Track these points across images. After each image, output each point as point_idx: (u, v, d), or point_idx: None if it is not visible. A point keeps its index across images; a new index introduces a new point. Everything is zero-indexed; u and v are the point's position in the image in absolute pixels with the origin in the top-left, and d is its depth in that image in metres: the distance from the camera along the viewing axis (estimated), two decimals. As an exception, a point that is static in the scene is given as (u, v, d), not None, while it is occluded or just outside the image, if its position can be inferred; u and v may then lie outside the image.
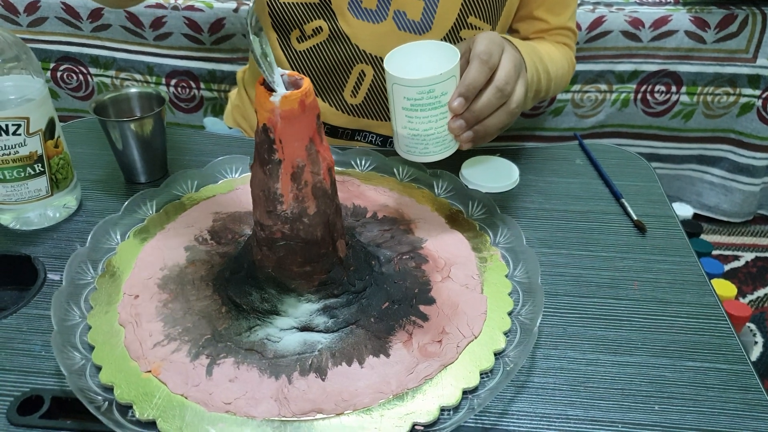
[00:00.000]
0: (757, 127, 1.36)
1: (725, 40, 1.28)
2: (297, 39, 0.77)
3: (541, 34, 0.83)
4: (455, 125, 0.54)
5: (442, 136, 0.55)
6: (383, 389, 0.45)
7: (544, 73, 0.72)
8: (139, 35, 1.32)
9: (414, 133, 0.55)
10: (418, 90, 0.52)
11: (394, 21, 0.74)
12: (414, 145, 0.56)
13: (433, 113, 0.54)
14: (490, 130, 0.56)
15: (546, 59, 0.73)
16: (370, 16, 0.74)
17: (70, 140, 0.68)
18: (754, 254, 1.43)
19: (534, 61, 0.69)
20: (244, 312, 0.50)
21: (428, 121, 0.54)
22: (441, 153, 0.57)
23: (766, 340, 1.21)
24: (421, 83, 0.52)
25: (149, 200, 0.65)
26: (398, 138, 0.58)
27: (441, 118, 0.54)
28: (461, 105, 0.53)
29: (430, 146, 0.56)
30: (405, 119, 0.55)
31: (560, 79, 0.79)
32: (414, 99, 0.53)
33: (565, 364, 0.50)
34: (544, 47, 0.76)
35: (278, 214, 0.47)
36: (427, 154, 0.57)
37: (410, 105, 0.54)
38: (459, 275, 0.56)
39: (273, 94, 0.43)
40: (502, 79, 0.54)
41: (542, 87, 0.73)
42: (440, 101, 0.53)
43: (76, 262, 0.55)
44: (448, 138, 0.56)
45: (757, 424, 0.45)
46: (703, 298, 0.57)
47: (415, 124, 0.55)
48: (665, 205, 0.69)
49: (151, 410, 0.43)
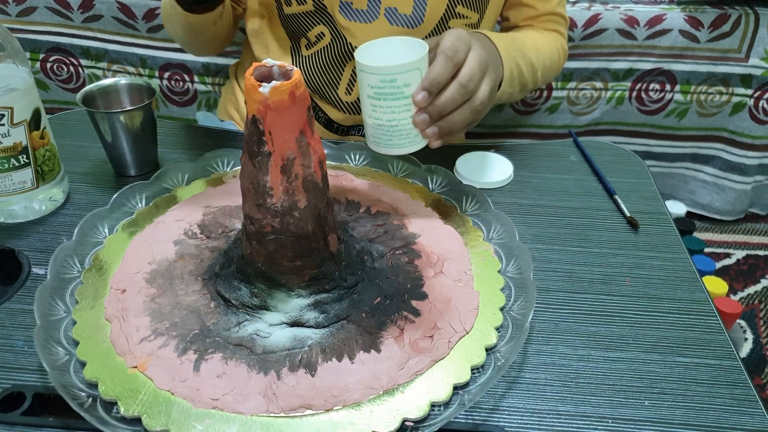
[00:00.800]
0: (749, 126, 1.37)
1: (718, 40, 1.29)
2: (305, 46, 0.79)
3: (531, 21, 0.83)
4: (419, 119, 0.55)
5: (406, 130, 0.56)
6: (373, 385, 0.44)
7: (527, 66, 0.73)
8: (132, 27, 1.31)
9: (378, 123, 0.56)
10: (381, 78, 0.53)
11: (386, 18, 0.75)
12: (379, 136, 0.57)
13: (396, 104, 0.55)
14: (454, 126, 0.57)
15: (530, 51, 0.74)
16: (362, 16, 0.75)
17: (58, 132, 0.68)
18: (745, 252, 1.44)
19: (514, 56, 0.70)
20: (233, 307, 0.50)
21: (391, 111, 0.55)
22: (406, 147, 0.57)
23: (756, 336, 1.21)
24: (383, 71, 0.53)
25: (138, 193, 0.64)
26: (366, 128, 0.59)
27: (405, 110, 0.55)
28: (424, 99, 0.54)
29: (394, 138, 0.57)
30: (370, 108, 0.56)
31: (549, 68, 0.79)
32: (377, 87, 0.54)
33: (556, 359, 0.49)
34: (529, 38, 0.77)
35: (268, 207, 0.47)
36: (392, 146, 0.57)
37: (374, 93, 0.55)
38: (452, 270, 0.55)
39: (262, 84, 0.42)
40: (465, 76, 0.55)
41: (527, 80, 0.74)
42: (403, 92, 0.54)
43: (61, 256, 0.54)
44: (413, 132, 0.57)
45: (746, 419, 0.45)
46: (694, 294, 0.56)
47: (379, 114, 0.56)
48: (658, 202, 0.69)
49: (137, 406, 0.42)
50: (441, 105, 0.55)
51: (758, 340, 1.20)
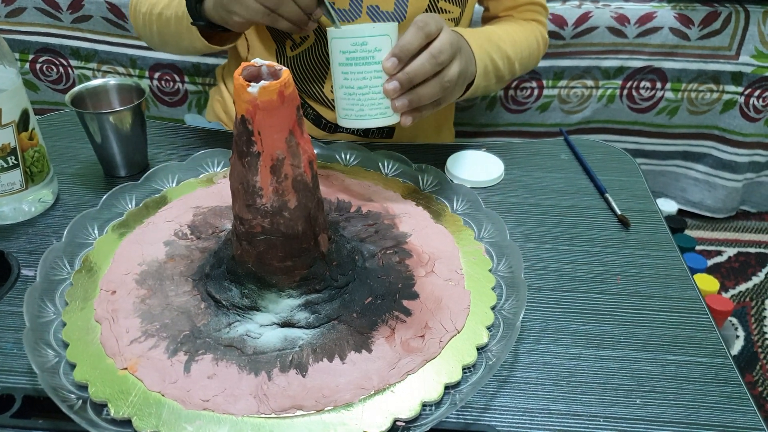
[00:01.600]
0: (740, 123, 1.37)
1: (709, 38, 1.29)
2: (290, 47, 0.80)
3: (510, 11, 0.85)
4: (390, 86, 0.56)
5: (377, 99, 0.57)
6: (365, 385, 0.44)
7: (503, 59, 0.73)
8: (121, 27, 1.30)
9: (350, 92, 0.57)
10: (352, 41, 0.55)
11: (369, 16, 0.76)
12: (350, 107, 0.58)
13: (368, 69, 0.56)
14: (423, 99, 0.57)
15: (506, 44, 0.75)
16: (344, 15, 0.76)
17: (47, 133, 0.67)
18: (736, 249, 1.44)
19: (488, 50, 0.71)
20: (224, 308, 0.50)
21: (362, 77, 0.56)
22: (376, 118, 0.58)
23: (747, 334, 1.22)
24: (355, 33, 0.55)
25: (128, 194, 0.64)
26: (337, 103, 0.59)
27: (375, 77, 0.56)
28: (394, 65, 0.55)
29: (365, 108, 0.57)
30: (341, 76, 0.57)
31: (528, 59, 0.80)
32: (348, 51, 0.55)
33: (547, 358, 0.49)
34: (505, 31, 0.77)
35: (258, 207, 0.46)
36: (363, 118, 0.58)
37: (345, 59, 0.56)
38: (443, 270, 0.55)
39: (251, 84, 0.42)
40: (437, 48, 0.56)
41: (504, 72, 0.75)
42: (374, 57, 0.55)
43: (51, 257, 0.53)
44: (384, 103, 0.57)
45: (736, 417, 0.45)
46: (686, 292, 0.57)
47: (350, 81, 0.56)
48: (649, 200, 0.70)
49: (127, 408, 0.42)
50: (411, 72, 0.55)
51: (749, 338, 1.21)
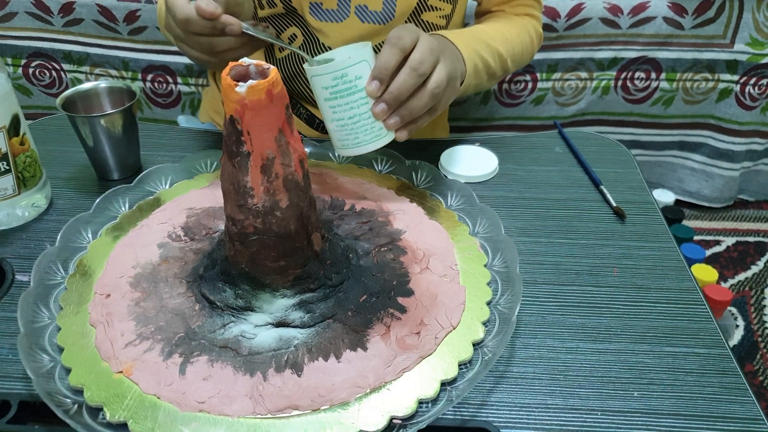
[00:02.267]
0: (736, 112, 1.37)
1: (703, 26, 1.29)
2: (279, 49, 0.79)
3: (503, 6, 0.84)
4: (378, 109, 0.55)
5: (369, 124, 0.56)
6: (360, 383, 0.44)
7: (493, 56, 0.72)
8: (113, 29, 1.30)
9: (341, 123, 0.56)
10: (332, 76, 0.54)
11: (357, 16, 0.75)
12: (345, 137, 0.57)
13: (353, 99, 0.55)
14: (415, 112, 0.56)
15: (496, 41, 0.74)
16: (332, 16, 0.75)
17: (39, 137, 0.67)
18: (734, 239, 1.44)
19: (477, 49, 0.69)
20: (218, 309, 0.49)
21: (350, 107, 0.55)
22: (373, 142, 0.57)
23: (747, 323, 1.22)
24: (334, 68, 0.54)
25: (122, 197, 0.64)
26: (331, 135, 0.59)
27: (362, 103, 0.55)
28: (376, 87, 0.54)
29: (360, 135, 0.57)
30: (330, 111, 0.56)
31: (519, 55, 0.79)
32: (331, 87, 0.55)
33: (544, 353, 0.49)
34: (496, 28, 0.76)
35: (249, 207, 0.46)
36: (360, 144, 0.57)
37: (329, 94, 0.55)
38: (437, 266, 0.55)
39: (239, 84, 0.42)
40: (416, 60, 0.55)
41: (495, 69, 0.73)
42: (356, 85, 0.55)
43: (45, 262, 0.53)
44: (377, 126, 0.57)
45: (735, 408, 0.45)
46: (682, 283, 0.57)
47: (339, 114, 0.56)
48: (644, 191, 0.69)
49: (123, 412, 0.42)
50: (395, 91, 0.54)
51: (749, 327, 1.21)
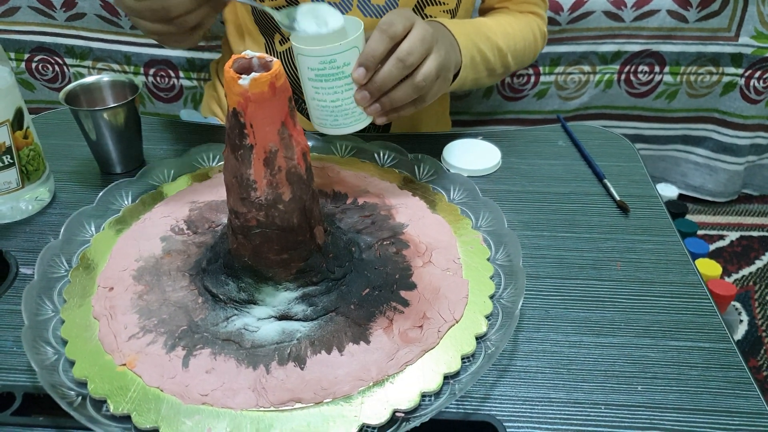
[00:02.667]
0: (740, 105, 1.36)
1: (707, 19, 1.28)
2: (279, 42, 0.78)
3: (506, 2, 0.82)
4: (359, 96, 0.55)
5: (350, 108, 0.56)
6: (363, 377, 0.44)
7: (493, 50, 0.71)
8: (116, 24, 1.29)
9: (323, 104, 0.56)
10: (320, 60, 0.53)
11: (359, 9, 0.74)
12: (324, 117, 0.57)
13: (338, 84, 0.54)
14: (397, 102, 0.56)
15: (497, 35, 0.72)
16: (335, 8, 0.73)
17: (42, 131, 0.67)
18: (738, 233, 1.44)
19: (475, 41, 0.68)
20: (221, 302, 0.49)
21: (334, 92, 0.55)
22: (352, 125, 0.57)
23: (751, 318, 1.21)
24: (323, 53, 0.53)
25: (125, 191, 0.64)
26: (310, 111, 0.58)
27: (347, 89, 0.55)
28: (362, 75, 0.53)
29: (340, 118, 0.56)
30: (312, 90, 0.56)
31: (522, 51, 0.78)
32: (317, 69, 0.54)
33: (547, 346, 0.49)
34: (498, 22, 0.75)
35: (252, 200, 0.46)
36: (338, 127, 0.57)
37: (314, 75, 0.54)
38: (440, 260, 0.55)
39: (242, 76, 0.42)
40: (404, 50, 0.54)
41: (495, 64, 0.72)
42: (343, 72, 0.54)
43: (48, 255, 0.53)
44: (357, 110, 0.56)
45: (740, 402, 0.45)
46: (687, 277, 0.56)
47: (322, 95, 0.55)
48: (648, 185, 0.69)
49: (126, 404, 0.42)
50: (379, 81, 0.54)
51: (753, 322, 1.20)
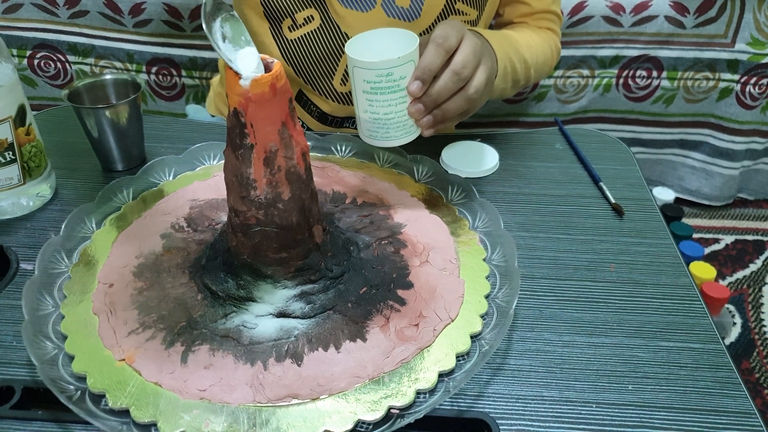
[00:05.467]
0: (736, 111, 1.37)
1: (704, 25, 1.29)
2: (288, 28, 0.77)
3: (525, 18, 0.83)
4: (414, 109, 0.55)
5: (402, 121, 0.57)
6: (359, 374, 0.45)
7: (520, 62, 0.72)
8: (118, 22, 1.30)
9: (375, 117, 0.56)
10: (377, 73, 0.53)
11: (383, 8, 0.74)
12: (376, 130, 0.58)
13: (393, 97, 0.55)
14: (449, 114, 0.57)
15: (523, 48, 0.73)
16: (358, 4, 0.74)
17: (44, 128, 0.67)
18: (733, 237, 1.45)
19: (508, 52, 0.69)
20: (220, 299, 0.50)
21: (388, 104, 0.55)
22: (403, 138, 0.58)
23: (744, 320, 1.22)
24: (380, 66, 0.53)
25: (126, 188, 0.64)
26: (360, 123, 0.59)
27: (401, 102, 0.55)
28: (419, 88, 0.54)
29: (391, 131, 0.57)
30: (366, 103, 0.56)
31: (541, 66, 0.79)
32: (373, 82, 0.54)
33: (541, 346, 0.50)
34: (522, 35, 0.76)
35: (252, 199, 0.47)
36: (389, 139, 0.58)
37: (370, 88, 0.55)
38: (437, 259, 0.56)
39: (242, 77, 0.42)
40: (459, 63, 0.55)
41: (520, 76, 0.73)
42: (399, 85, 0.54)
43: (49, 251, 0.54)
44: (409, 123, 0.57)
45: (727, 402, 0.46)
46: (679, 279, 0.57)
47: (375, 108, 0.56)
48: (643, 188, 0.70)
49: (125, 399, 0.42)
50: (435, 94, 0.55)
51: (746, 324, 1.21)
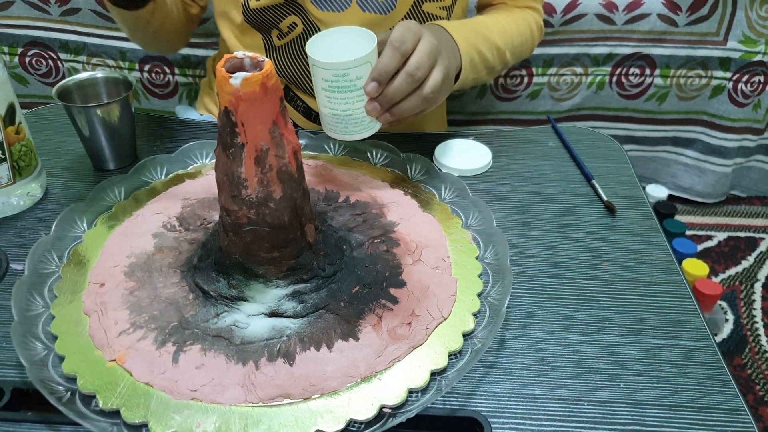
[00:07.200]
0: (728, 109, 1.38)
1: (696, 24, 1.29)
2: (277, 37, 0.79)
3: None
4: (371, 108, 0.58)
5: (360, 117, 0.59)
6: (351, 373, 0.45)
7: (491, 50, 0.74)
8: (110, 19, 1.29)
9: (334, 113, 0.59)
10: (334, 73, 0.56)
11: (358, 5, 0.75)
12: (335, 124, 0.60)
13: (350, 95, 0.57)
14: (405, 113, 0.59)
15: (495, 34, 0.75)
16: (333, 5, 0.75)
17: (35, 127, 0.67)
18: (726, 234, 1.45)
19: (475, 43, 0.71)
20: (212, 299, 0.50)
21: (345, 102, 0.57)
22: (361, 133, 0.60)
23: (736, 317, 1.23)
24: (337, 67, 0.55)
25: (117, 187, 0.64)
26: (322, 117, 0.61)
27: (358, 100, 0.57)
28: (374, 89, 0.56)
29: (349, 126, 0.59)
30: (325, 99, 0.58)
31: (519, 48, 0.81)
32: (331, 81, 0.56)
33: (533, 344, 0.50)
34: (496, 21, 0.78)
35: (243, 198, 0.47)
36: (348, 133, 0.60)
37: (328, 86, 0.57)
38: (430, 258, 0.56)
39: (233, 76, 0.42)
40: (413, 66, 0.57)
41: (494, 63, 0.75)
42: (355, 84, 0.57)
43: (39, 251, 0.54)
44: (367, 119, 0.59)
45: (718, 399, 0.46)
46: (670, 277, 0.57)
47: (334, 105, 0.58)
48: (635, 186, 0.70)
49: (115, 399, 0.42)
50: (390, 94, 0.57)
51: (739, 321, 1.22)
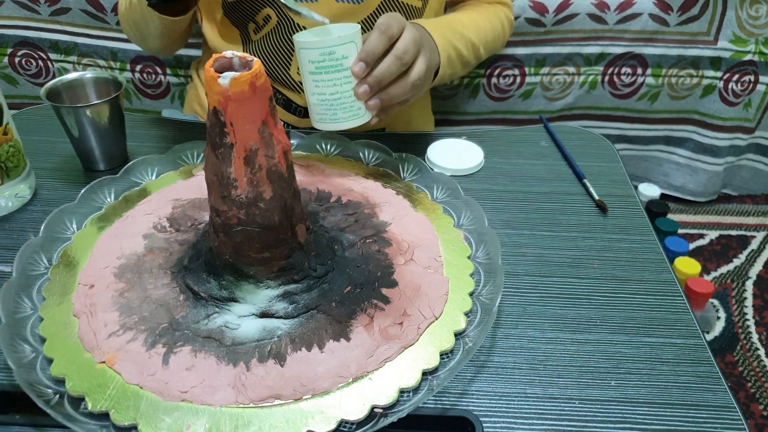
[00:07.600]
0: (719, 108, 1.38)
1: (687, 23, 1.30)
2: (253, 31, 0.80)
3: None
4: (360, 90, 0.58)
5: (349, 102, 0.59)
6: (343, 373, 0.45)
7: (466, 45, 0.76)
8: (101, 19, 1.28)
9: (322, 98, 0.59)
10: (320, 51, 0.57)
11: None
12: (324, 112, 0.60)
13: (337, 76, 0.58)
14: (394, 98, 0.60)
15: (469, 31, 0.77)
16: None
17: (24, 128, 0.67)
18: (718, 232, 1.46)
19: (451, 39, 0.73)
20: (202, 300, 0.50)
21: (333, 84, 0.58)
22: (350, 120, 0.60)
23: (728, 315, 1.24)
24: (322, 45, 0.57)
25: (107, 188, 0.64)
26: (310, 107, 0.61)
27: (346, 82, 0.58)
28: (362, 69, 0.57)
29: (338, 112, 0.59)
30: (312, 84, 0.59)
31: (492, 43, 0.84)
32: (317, 62, 0.57)
33: (524, 343, 0.50)
34: (469, 17, 0.80)
35: (233, 199, 0.46)
36: (337, 121, 0.60)
37: (315, 68, 0.58)
38: (422, 258, 0.56)
39: (222, 75, 0.42)
40: (400, 49, 0.59)
41: (469, 57, 0.78)
42: (342, 65, 0.57)
43: (27, 253, 0.53)
44: (356, 105, 0.59)
45: (708, 396, 0.46)
46: (662, 275, 0.57)
47: (322, 89, 0.58)
48: (627, 185, 0.70)
49: (105, 402, 0.42)
50: (379, 75, 0.58)
51: (730, 319, 1.23)
